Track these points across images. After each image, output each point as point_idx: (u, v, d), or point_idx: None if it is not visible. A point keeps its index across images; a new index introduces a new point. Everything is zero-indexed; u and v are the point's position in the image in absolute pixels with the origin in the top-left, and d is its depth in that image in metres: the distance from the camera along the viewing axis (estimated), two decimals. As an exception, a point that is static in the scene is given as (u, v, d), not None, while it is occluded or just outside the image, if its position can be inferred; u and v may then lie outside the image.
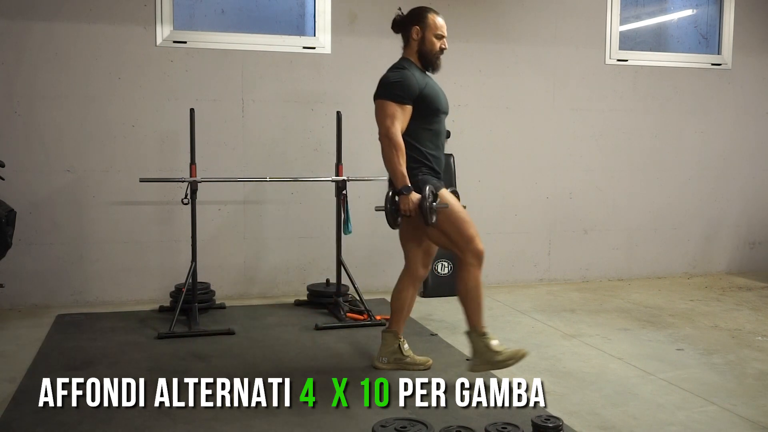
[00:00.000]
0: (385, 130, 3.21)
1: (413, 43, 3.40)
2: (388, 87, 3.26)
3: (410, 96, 3.25)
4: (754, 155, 6.32)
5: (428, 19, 3.38)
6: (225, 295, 5.02)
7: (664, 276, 6.12)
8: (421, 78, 3.34)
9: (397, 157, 3.19)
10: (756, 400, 3.18)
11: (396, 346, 3.50)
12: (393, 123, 3.20)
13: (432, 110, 3.34)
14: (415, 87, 3.27)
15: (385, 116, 3.22)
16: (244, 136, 5.08)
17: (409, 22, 3.41)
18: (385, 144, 3.21)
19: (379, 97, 3.28)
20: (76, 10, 4.71)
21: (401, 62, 3.41)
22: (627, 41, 5.94)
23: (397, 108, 3.23)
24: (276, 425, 2.83)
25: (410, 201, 3.18)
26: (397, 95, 3.23)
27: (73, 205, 4.81)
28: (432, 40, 3.38)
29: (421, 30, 3.37)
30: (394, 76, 3.29)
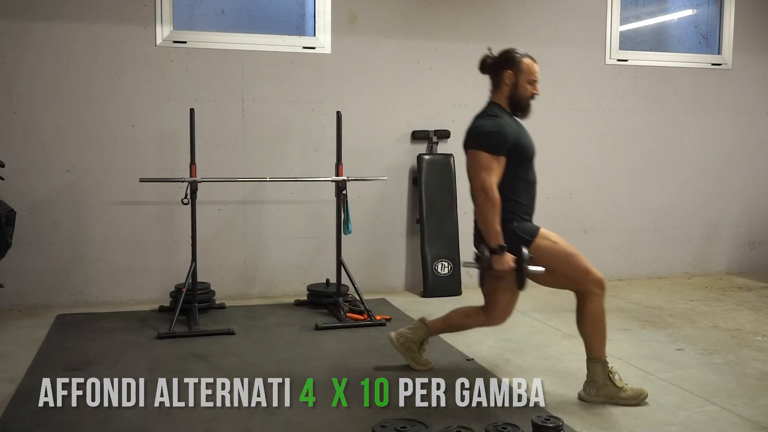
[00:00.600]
0: (481, 183, 3.02)
1: (504, 88, 3.23)
2: (483, 137, 3.08)
3: (506, 146, 3.09)
4: (754, 155, 6.32)
5: (522, 64, 3.22)
6: (225, 295, 5.01)
7: (664, 276, 6.12)
8: (515, 126, 3.19)
9: (493, 213, 3.01)
10: (756, 400, 3.18)
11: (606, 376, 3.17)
12: (489, 176, 3.02)
13: (526, 158, 3.19)
14: (511, 136, 3.11)
15: (481, 168, 3.04)
16: (244, 136, 5.08)
17: (502, 65, 3.23)
18: (482, 198, 3.03)
19: (473, 148, 3.09)
20: (76, 10, 4.71)
21: (492, 108, 3.23)
22: (627, 41, 5.93)
23: (492, 160, 3.05)
24: (276, 425, 2.83)
25: (505, 262, 3.02)
26: (493, 146, 3.06)
27: (73, 205, 4.81)
28: (525, 85, 3.22)
29: (515, 75, 3.21)
30: (489, 126, 3.11)
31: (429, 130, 5.44)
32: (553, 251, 3.14)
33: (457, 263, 5.36)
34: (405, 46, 5.36)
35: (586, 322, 3.15)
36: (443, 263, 5.33)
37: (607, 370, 3.12)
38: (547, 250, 3.13)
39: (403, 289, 5.48)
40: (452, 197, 5.42)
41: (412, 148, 5.44)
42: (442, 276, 5.32)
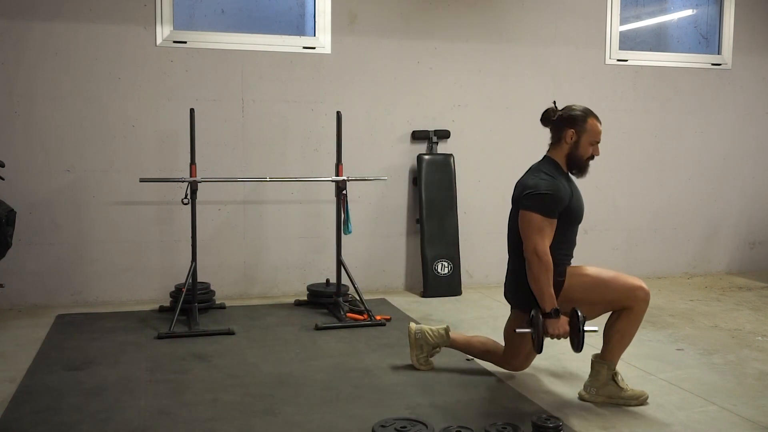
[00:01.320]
0: (534, 246, 2.97)
1: (564, 146, 3.17)
2: (539, 199, 3.02)
3: (559, 209, 3.05)
4: (754, 155, 6.32)
5: (588, 125, 3.18)
6: (225, 295, 5.01)
7: (664, 276, 6.12)
8: (568, 187, 3.13)
9: (546, 277, 2.95)
10: (756, 400, 3.18)
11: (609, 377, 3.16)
12: (543, 239, 2.98)
13: (575, 221, 3.16)
14: (565, 200, 3.06)
15: (533, 231, 2.99)
16: (244, 136, 5.08)
17: (566, 123, 3.17)
18: (534, 262, 2.97)
19: (528, 209, 3.03)
20: (76, 10, 4.71)
21: (548, 166, 3.18)
22: (627, 41, 5.93)
23: (546, 222, 3.00)
24: (276, 425, 2.83)
25: (561, 326, 2.97)
26: (548, 209, 3.01)
27: (73, 205, 4.81)
28: (587, 146, 3.18)
29: (577, 134, 3.16)
30: (545, 186, 3.04)
31: (429, 130, 5.44)
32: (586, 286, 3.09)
33: (457, 263, 5.36)
34: (405, 46, 5.36)
35: (618, 329, 3.10)
36: (443, 263, 5.33)
37: (612, 372, 3.13)
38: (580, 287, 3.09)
39: (403, 289, 5.48)
40: (452, 197, 5.42)
41: (412, 148, 5.44)
42: (442, 276, 5.32)
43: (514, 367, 3.40)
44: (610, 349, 3.12)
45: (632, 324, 3.08)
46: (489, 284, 5.65)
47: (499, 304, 5.06)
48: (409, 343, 3.52)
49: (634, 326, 3.10)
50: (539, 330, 2.99)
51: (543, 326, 2.98)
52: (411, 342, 3.50)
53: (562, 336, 3.00)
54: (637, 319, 3.08)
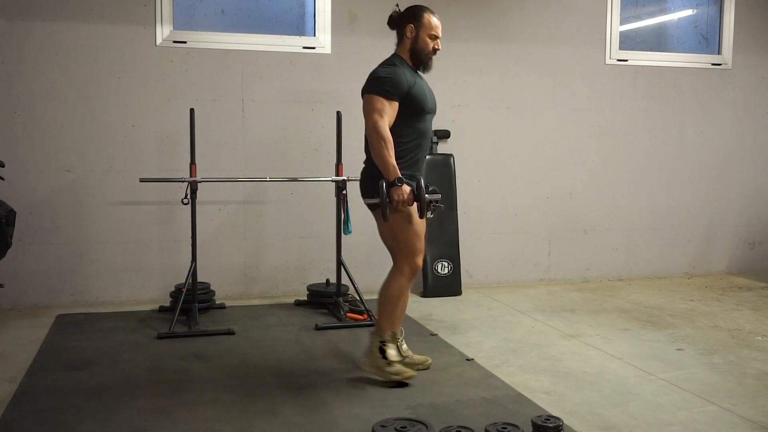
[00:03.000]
0: (373, 124, 3.19)
1: (406, 41, 3.40)
2: (377, 82, 3.25)
3: (399, 92, 3.24)
4: (754, 155, 6.32)
5: (424, 18, 3.37)
6: (225, 295, 5.02)
7: (664, 276, 6.12)
8: (410, 76, 3.32)
9: (386, 149, 3.16)
10: (756, 400, 3.18)
11: None
12: (381, 117, 3.19)
13: (418, 109, 3.32)
14: (404, 84, 3.25)
15: (373, 110, 3.21)
16: (244, 136, 5.08)
17: (405, 19, 3.41)
18: (374, 138, 3.19)
19: (367, 92, 3.26)
20: (76, 10, 4.71)
21: (392, 59, 3.41)
22: (627, 41, 5.94)
23: (385, 103, 3.21)
24: (276, 425, 2.83)
25: (404, 192, 3.13)
26: (386, 90, 3.22)
27: (73, 205, 4.81)
28: (426, 39, 3.37)
29: (416, 28, 3.37)
30: (384, 72, 3.29)
31: (429, 130, 5.43)
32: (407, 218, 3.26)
33: (457, 263, 5.36)
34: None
35: (382, 294, 3.38)
36: (443, 263, 5.33)
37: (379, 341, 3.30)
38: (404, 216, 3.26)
39: (403, 289, 5.48)
40: (452, 197, 5.42)
41: (412, 148, 5.44)
42: (442, 276, 5.32)
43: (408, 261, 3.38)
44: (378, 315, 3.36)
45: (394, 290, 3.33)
46: (489, 284, 5.66)
47: (499, 304, 5.06)
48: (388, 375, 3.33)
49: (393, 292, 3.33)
50: (384, 198, 3.11)
51: (389, 194, 3.13)
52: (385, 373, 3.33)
53: (407, 202, 3.15)
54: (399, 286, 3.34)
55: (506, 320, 4.59)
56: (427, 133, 3.41)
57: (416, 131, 3.33)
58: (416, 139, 3.34)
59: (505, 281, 5.73)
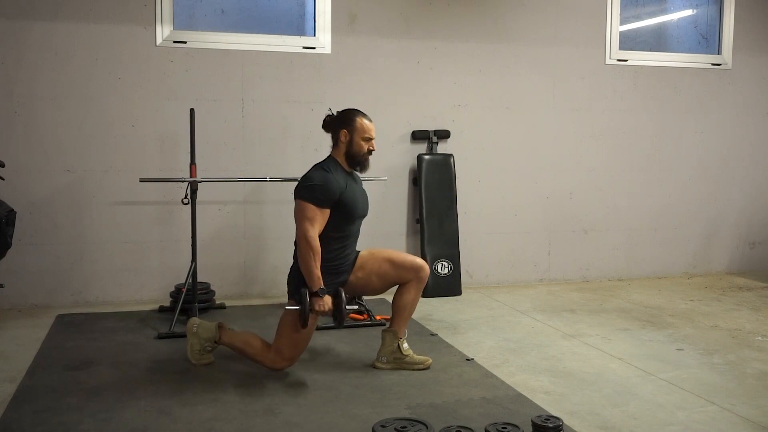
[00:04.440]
0: (303, 232, 3.26)
1: (341, 145, 3.46)
2: (309, 189, 3.32)
3: (330, 200, 3.32)
4: (754, 155, 6.32)
5: (356, 123, 3.43)
6: (225, 295, 5.02)
7: (664, 276, 6.12)
8: (342, 182, 3.40)
9: (314, 260, 3.24)
10: (756, 400, 3.18)
11: (395, 345, 3.51)
12: (312, 226, 3.27)
13: (348, 214, 3.41)
14: (335, 191, 3.33)
15: (304, 218, 3.29)
16: (244, 136, 5.08)
17: (338, 124, 3.46)
18: (303, 246, 3.26)
19: (300, 198, 3.34)
20: (76, 10, 4.71)
21: (327, 163, 3.47)
22: (627, 41, 5.94)
23: (317, 211, 3.29)
24: (276, 425, 2.83)
25: (326, 303, 3.23)
26: (317, 198, 3.30)
27: (73, 205, 4.81)
28: (360, 142, 3.43)
29: (349, 133, 3.43)
30: (317, 178, 3.36)
31: (429, 130, 5.44)
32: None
33: (457, 263, 5.36)
34: (405, 46, 5.36)
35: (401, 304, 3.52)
36: (443, 263, 5.33)
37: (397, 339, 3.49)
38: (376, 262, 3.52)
39: (403, 289, 5.48)
40: (452, 197, 5.42)
41: (412, 148, 5.44)
42: (442, 276, 5.32)
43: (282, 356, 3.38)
44: (396, 320, 3.51)
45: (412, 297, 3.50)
46: (489, 284, 5.66)
47: (499, 304, 5.06)
48: (393, 367, 3.51)
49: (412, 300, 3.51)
50: (305, 306, 3.19)
51: (310, 303, 3.22)
52: (392, 366, 3.51)
53: (327, 313, 3.25)
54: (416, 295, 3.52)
55: (506, 320, 4.59)
56: (356, 235, 3.54)
57: (345, 235, 3.44)
58: (345, 241, 3.45)
59: (505, 281, 5.73)
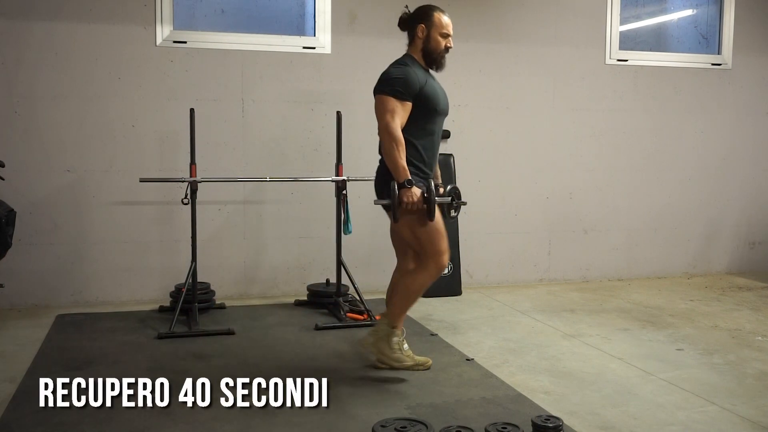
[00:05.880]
0: (385, 124, 3.20)
1: (418, 41, 3.40)
2: (389, 82, 3.26)
3: (411, 93, 3.25)
4: (754, 155, 6.32)
5: (434, 18, 3.39)
6: (225, 295, 5.01)
7: (664, 276, 6.12)
8: (422, 76, 3.33)
9: (398, 151, 3.17)
10: (756, 400, 3.18)
11: None
12: (393, 118, 3.20)
13: (430, 109, 3.33)
14: (416, 84, 3.26)
15: (385, 111, 3.22)
16: (244, 136, 5.08)
17: (415, 19, 3.41)
18: (385, 138, 3.20)
19: (379, 92, 3.27)
20: (76, 10, 4.71)
21: (404, 59, 3.41)
22: (627, 41, 5.93)
23: (397, 103, 3.22)
24: (276, 425, 2.83)
25: (413, 194, 3.15)
26: (397, 91, 3.23)
27: (73, 205, 4.81)
28: (437, 38, 3.38)
29: (427, 28, 3.38)
30: (396, 72, 3.29)
31: (429, 130, 5.43)
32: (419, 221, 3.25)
33: (457, 263, 5.36)
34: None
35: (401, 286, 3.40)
36: (443, 263, 5.32)
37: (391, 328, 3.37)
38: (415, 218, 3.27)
39: (403, 289, 5.48)
40: (452, 197, 5.41)
41: (412, 148, 5.44)
42: (442, 276, 5.29)
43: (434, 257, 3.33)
44: (391, 309, 3.40)
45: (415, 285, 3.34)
46: (489, 284, 5.66)
47: (499, 304, 5.06)
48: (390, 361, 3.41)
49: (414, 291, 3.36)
50: (394, 198, 3.12)
51: (399, 196, 3.15)
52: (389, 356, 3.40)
53: (416, 204, 3.16)
54: (421, 282, 3.34)
55: (506, 320, 4.59)
56: (438, 133, 3.44)
57: (427, 132, 3.35)
58: (428, 139, 3.36)
59: (505, 281, 5.73)
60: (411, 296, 3.38)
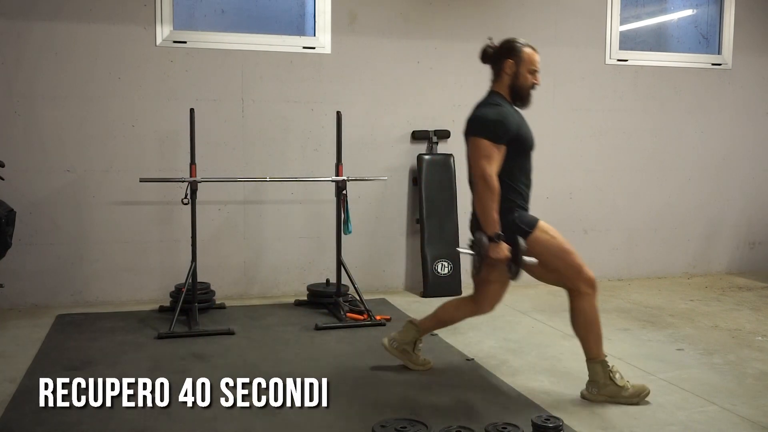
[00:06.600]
0: (481, 171, 3.03)
1: (505, 77, 3.22)
2: (486, 125, 3.09)
3: (507, 136, 3.10)
4: (754, 155, 6.32)
5: (523, 54, 3.20)
6: (225, 295, 5.01)
7: (664, 276, 6.12)
8: (516, 116, 3.20)
9: (492, 201, 3.02)
10: (756, 400, 3.18)
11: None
12: (490, 164, 3.04)
13: (526, 149, 3.21)
14: (513, 127, 3.12)
15: (481, 156, 3.05)
16: (244, 136, 5.08)
17: (503, 55, 3.22)
18: (481, 186, 3.04)
19: (474, 135, 3.10)
20: (76, 10, 4.71)
21: (494, 98, 3.23)
22: (627, 41, 5.93)
23: (493, 148, 3.06)
24: (276, 425, 2.83)
25: (501, 251, 3.02)
26: (495, 135, 3.06)
27: (73, 205, 4.81)
28: (526, 75, 3.21)
29: (516, 64, 3.19)
30: (492, 114, 3.12)
31: (429, 130, 5.44)
32: (549, 245, 3.16)
33: (457, 263, 5.36)
34: (405, 46, 5.36)
35: (579, 322, 3.18)
36: (443, 263, 5.33)
37: (608, 370, 3.13)
38: (544, 244, 3.15)
39: (403, 289, 5.48)
40: (452, 197, 5.42)
41: (412, 148, 5.44)
42: (442, 276, 5.32)
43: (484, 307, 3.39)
44: (585, 344, 3.20)
45: (588, 311, 3.16)
46: (489, 284, 5.65)
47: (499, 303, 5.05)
48: (394, 355, 3.51)
49: (592, 314, 3.17)
50: (481, 252, 3.04)
51: (485, 249, 3.02)
52: (394, 354, 3.50)
53: (502, 261, 3.05)
54: (590, 305, 3.16)
55: (506, 320, 4.59)
56: (531, 170, 3.29)
57: (525, 170, 3.22)
58: (527, 180, 3.24)
59: (505, 281, 5.72)
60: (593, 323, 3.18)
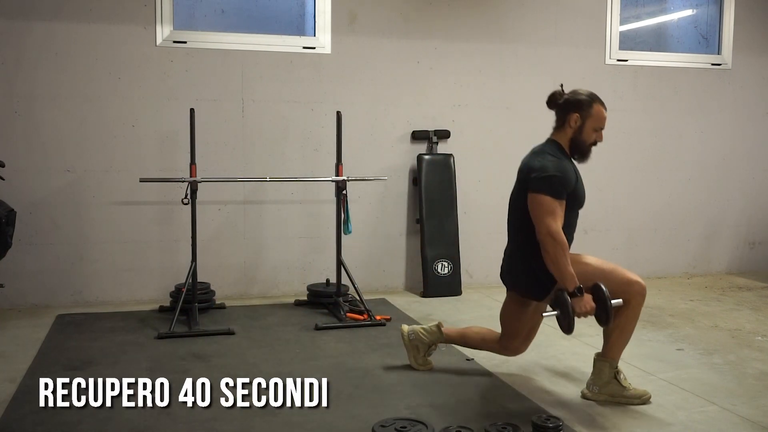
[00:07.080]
0: (547, 228, 2.95)
1: (568, 130, 3.17)
2: (548, 181, 3.01)
3: (567, 190, 3.04)
4: (754, 155, 6.32)
5: (593, 110, 3.16)
6: (225, 295, 5.01)
7: (664, 276, 6.12)
8: (573, 170, 3.13)
9: (564, 257, 2.94)
10: (756, 400, 3.18)
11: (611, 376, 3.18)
12: (555, 220, 2.97)
13: (576, 205, 3.15)
14: (572, 181, 3.07)
15: (545, 213, 2.97)
16: (244, 136, 5.08)
17: (572, 107, 3.19)
18: (549, 243, 2.95)
19: (537, 191, 3.02)
20: (76, 10, 4.71)
21: (553, 148, 3.17)
22: (627, 41, 5.93)
23: (556, 204, 2.99)
24: (276, 425, 2.83)
25: (587, 303, 2.94)
26: (558, 191, 3.00)
27: (73, 205, 4.81)
28: (590, 131, 3.16)
29: (582, 119, 3.15)
30: (552, 168, 3.04)
31: (429, 130, 5.44)
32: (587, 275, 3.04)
33: (457, 263, 5.36)
34: (405, 46, 5.35)
35: (617, 323, 3.08)
36: (443, 263, 5.33)
37: (614, 370, 3.13)
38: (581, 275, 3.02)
39: (403, 289, 5.48)
40: (452, 197, 5.42)
41: (412, 148, 5.44)
42: (442, 276, 5.32)
43: (514, 349, 3.38)
44: (611, 346, 3.14)
45: (630, 319, 3.10)
46: (489, 284, 5.65)
47: (499, 303, 5.03)
48: (405, 345, 3.52)
49: (631, 322, 3.11)
50: (568, 310, 2.93)
51: (572, 306, 2.93)
52: (406, 344, 3.51)
53: (590, 313, 2.96)
54: (635, 314, 3.09)
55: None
56: (576, 226, 3.22)
57: (570, 225, 3.13)
58: (570, 234, 3.14)
59: (505, 281, 5.72)
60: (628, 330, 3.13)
